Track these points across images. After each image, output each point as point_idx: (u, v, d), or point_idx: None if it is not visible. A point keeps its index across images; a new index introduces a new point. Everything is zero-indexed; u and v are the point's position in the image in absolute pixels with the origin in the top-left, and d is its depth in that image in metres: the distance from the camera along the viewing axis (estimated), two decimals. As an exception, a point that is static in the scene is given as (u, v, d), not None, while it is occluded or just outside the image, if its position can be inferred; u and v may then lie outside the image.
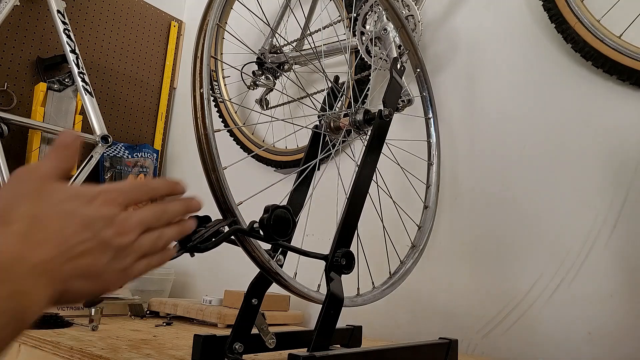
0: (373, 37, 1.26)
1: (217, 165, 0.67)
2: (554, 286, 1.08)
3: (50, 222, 0.38)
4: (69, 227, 0.39)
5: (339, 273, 0.74)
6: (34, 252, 0.36)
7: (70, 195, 0.41)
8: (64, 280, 0.38)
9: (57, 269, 0.37)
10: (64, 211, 0.40)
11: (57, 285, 0.37)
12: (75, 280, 0.39)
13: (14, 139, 1.59)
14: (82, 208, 0.40)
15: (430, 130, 1.21)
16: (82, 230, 0.40)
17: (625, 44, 1.03)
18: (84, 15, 1.85)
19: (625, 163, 1.05)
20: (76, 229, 0.39)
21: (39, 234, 0.37)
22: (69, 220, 0.39)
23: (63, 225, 0.39)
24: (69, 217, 0.39)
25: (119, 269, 0.42)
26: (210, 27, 0.71)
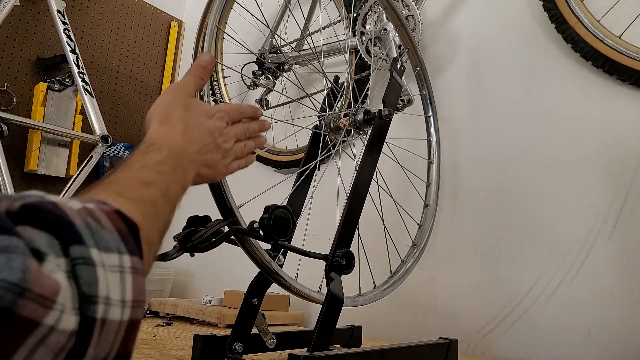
0: (373, 37, 1.26)
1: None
2: (554, 286, 1.08)
3: (194, 127, 0.56)
4: (203, 132, 0.58)
5: (339, 273, 0.74)
6: (189, 146, 0.54)
7: (202, 111, 0.59)
8: (200, 166, 0.57)
9: (199, 158, 0.56)
10: (199, 121, 0.58)
11: (197, 168, 0.56)
12: (204, 168, 0.58)
13: (14, 139, 1.58)
14: (208, 121, 0.59)
15: (430, 129, 1.21)
16: (208, 135, 0.58)
17: (625, 44, 1.03)
18: (84, 15, 1.85)
19: (625, 163, 1.05)
20: (206, 134, 0.58)
21: (189, 134, 0.55)
22: (202, 128, 0.58)
23: (200, 131, 0.57)
24: (203, 126, 0.58)
25: (224, 164, 0.62)
26: (210, 30, 0.71)
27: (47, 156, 1.65)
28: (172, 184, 0.47)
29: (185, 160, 0.52)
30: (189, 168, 0.53)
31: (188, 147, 0.54)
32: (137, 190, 0.42)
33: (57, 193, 1.57)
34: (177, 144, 0.53)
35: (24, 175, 1.64)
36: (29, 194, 0.30)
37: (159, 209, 0.43)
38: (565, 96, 1.15)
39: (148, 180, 0.44)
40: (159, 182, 0.45)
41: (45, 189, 1.70)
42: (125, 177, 0.43)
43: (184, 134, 0.55)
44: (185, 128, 0.55)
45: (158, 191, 0.44)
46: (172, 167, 0.49)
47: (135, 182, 0.43)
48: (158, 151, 0.49)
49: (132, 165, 0.45)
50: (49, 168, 1.65)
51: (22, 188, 1.62)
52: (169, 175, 0.47)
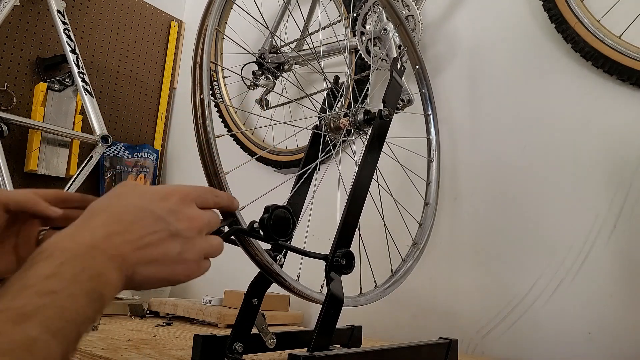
0: (373, 37, 1.26)
1: (218, 170, 0.67)
2: (554, 286, 1.08)
3: (126, 214, 0.43)
4: (144, 218, 0.44)
5: (339, 273, 0.74)
6: (109, 239, 0.41)
7: (151, 193, 0.46)
8: (132, 266, 0.42)
9: (126, 255, 0.41)
10: (140, 205, 0.45)
11: (125, 270, 0.41)
12: (143, 267, 0.43)
13: (14, 139, 1.59)
14: (158, 203, 0.45)
15: (429, 127, 1.21)
16: (155, 221, 0.44)
17: (625, 44, 1.03)
18: (84, 15, 1.85)
19: (625, 163, 1.05)
20: (150, 219, 0.44)
21: (113, 224, 0.42)
22: (143, 213, 0.44)
23: (138, 216, 0.44)
24: (144, 210, 0.44)
25: (193, 260, 0.47)
26: (209, 32, 0.70)
27: (47, 156, 1.65)
28: (68, 303, 0.35)
29: (99, 259, 0.39)
30: (107, 269, 0.39)
31: (106, 242, 0.40)
32: (5, 333, 0.30)
33: (57, 193, 1.57)
34: (80, 241, 0.39)
35: (24, 175, 1.64)
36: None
37: (38, 352, 0.31)
38: (565, 96, 1.15)
39: (25, 310, 0.32)
40: (42, 309, 0.33)
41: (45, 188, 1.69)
42: (1, 309, 0.32)
43: (104, 225, 0.42)
44: (108, 218, 0.43)
45: (38, 325, 0.32)
46: (71, 275, 0.36)
47: (5, 318, 0.31)
48: (46, 260, 0.37)
49: (11, 285, 0.34)
50: (49, 168, 1.65)
51: (22, 188, 1.62)
52: (63, 292, 0.35)
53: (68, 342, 0.34)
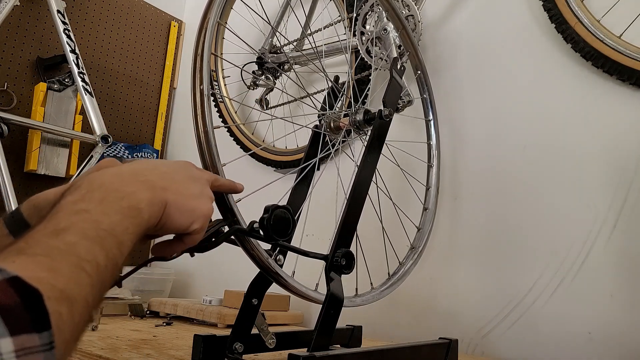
0: (373, 37, 1.26)
1: (216, 162, 0.67)
2: (554, 286, 1.08)
3: (149, 164, 0.50)
4: (165, 166, 0.51)
5: (339, 273, 0.74)
6: (135, 174, 0.46)
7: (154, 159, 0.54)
8: (163, 190, 0.47)
9: (155, 182, 0.46)
10: (161, 162, 0.53)
11: (157, 193, 0.46)
12: (172, 195, 0.48)
13: (14, 139, 1.58)
14: (170, 162, 0.54)
15: (430, 132, 1.21)
16: (178, 168, 0.52)
17: (625, 44, 1.03)
18: (84, 15, 1.85)
19: (625, 163, 1.05)
20: (173, 167, 0.51)
21: (140, 164, 0.48)
22: (165, 164, 0.52)
23: (159, 164, 0.51)
24: (165, 164, 0.52)
25: (208, 200, 0.54)
26: (211, 25, 0.71)
27: (47, 156, 1.65)
28: (101, 218, 0.38)
29: (126, 183, 0.43)
30: (136, 190, 0.43)
31: (129, 175, 0.45)
32: (44, 242, 0.34)
33: (57, 193, 1.56)
34: (107, 175, 0.44)
35: (24, 175, 1.64)
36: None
37: (82, 253, 0.34)
38: (565, 96, 1.15)
39: (61, 226, 0.36)
40: (75, 224, 0.36)
41: (45, 188, 1.69)
42: (33, 231, 0.35)
43: (125, 167, 0.47)
44: (133, 164, 0.48)
45: (75, 233, 0.35)
46: (99, 198, 0.40)
47: (42, 234, 0.35)
48: (76, 190, 0.41)
49: (44, 216, 0.38)
50: (49, 168, 1.65)
51: (22, 188, 1.62)
52: (93, 210, 0.38)
53: (110, 248, 0.37)
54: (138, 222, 0.42)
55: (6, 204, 1.44)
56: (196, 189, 0.52)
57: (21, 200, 1.54)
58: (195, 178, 0.53)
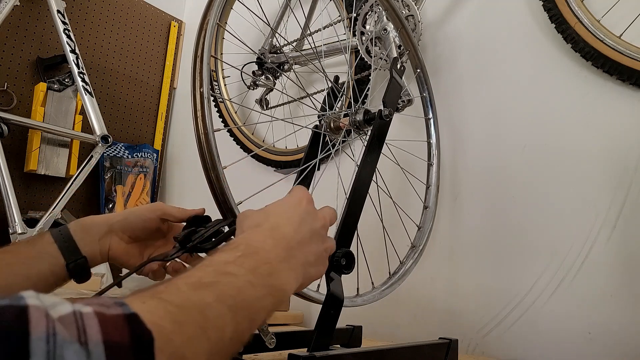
0: (373, 37, 1.26)
1: (216, 164, 0.67)
2: (554, 286, 1.08)
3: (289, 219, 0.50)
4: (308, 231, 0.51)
5: (339, 273, 0.74)
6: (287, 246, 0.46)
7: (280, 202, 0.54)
8: (306, 267, 0.48)
9: (303, 259, 0.48)
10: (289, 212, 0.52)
11: (301, 270, 0.47)
12: (310, 268, 0.50)
13: (14, 139, 1.58)
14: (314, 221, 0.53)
15: (430, 131, 1.21)
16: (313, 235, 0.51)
17: (625, 44, 1.03)
18: (84, 15, 1.85)
19: (626, 163, 1.05)
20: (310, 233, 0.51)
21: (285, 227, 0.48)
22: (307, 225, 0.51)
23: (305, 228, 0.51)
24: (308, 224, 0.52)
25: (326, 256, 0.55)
26: (211, 27, 0.71)
27: (47, 156, 1.65)
28: (245, 287, 0.37)
29: (278, 260, 0.43)
30: (286, 270, 0.43)
31: (284, 247, 0.46)
32: (182, 292, 0.33)
33: (57, 193, 1.57)
34: (263, 241, 0.44)
35: (24, 175, 1.64)
36: (2, 297, 0.25)
37: (211, 317, 0.33)
38: (565, 96, 1.15)
39: (204, 280, 0.35)
40: (219, 284, 0.35)
41: (45, 189, 1.70)
42: (180, 277, 0.35)
43: (277, 232, 0.47)
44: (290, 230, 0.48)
45: (214, 294, 0.34)
46: (251, 266, 0.39)
47: (185, 282, 0.34)
48: (231, 250, 0.41)
49: (196, 265, 0.38)
50: (49, 168, 1.65)
51: (22, 188, 1.62)
52: (241, 277, 0.38)
53: (241, 321, 0.35)
54: (279, 302, 0.42)
55: (6, 204, 1.44)
56: (321, 249, 0.53)
57: (21, 200, 1.54)
58: (321, 235, 0.54)
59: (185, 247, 0.63)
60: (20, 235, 1.42)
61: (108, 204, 1.83)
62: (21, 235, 1.42)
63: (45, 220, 1.50)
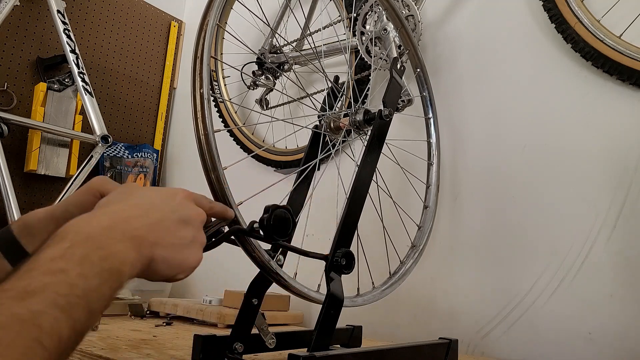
0: (373, 37, 1.26)
1: (217, 165, 0.67)
2: (554, 286, 1.08)
3: (142, 204, 0.47)
4: (156, 206, 0.47)
5: (339, 273, 0.74)
6: (121, 223, 0.42)
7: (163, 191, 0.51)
8: (151, 246, 0.44)
9: (144, 236, 0.43)
10: (150, 196, 0.49)
11: (144, 250, 0.43)
12: (161, 249, 0.45)
13: (14, 139, 1.58)
14: (168, 199, 0.50)
15: (430, 130, 1.21)
16: (167, 210, 0.48)
17: (625, 44, 1.03)
18: (84, 15, 1.85)
19: (626, 163, 1.05)
20: (162, 208, 0.48)
21: (127, 210, 0.45)
22: (155, 203, 0.48)
23: (150, 205, 0.47)
24: (155, 201, 0.48)
25: (198, 247, 0.51)
26: (211, 27, 0.71)
27: (47, 156, 1.65)
28: (78, 282, 0.35)
29: (112, 241, 0.40)
30: (121, 249, 0.40)
31: (119, 226, 0.42)
32: (7, 308, 0.31)
33: (57, 193, 1.57)
34: (96, 225, 0.40)
35: (24, 175, 1.64)
36: None
37: (45, 325, 0.31)
38: (565, 96, 1.15)
39: (30, 288, 0.32)
40: (48, 287, 0.33)
41: (45, 188, 1.70)
42: (3, 288, 0.32)
43: (116, 212, 0.44)
44: (122, 207, 0.45)
45: (44, 301, 0.32)
46: (80, 257, 0.37)
47: (9, 295, 0.32)
48: (59, 242, 0.37)
49: (18, 270, 0.35)
50: (49, 168, 1.65)
51: (22, 188, 1.62)
52: (71, 271, 0.35)
53: (78, 318, 0.34)
54: (117, 285, 0.39)
55: (6, 204, 1.44)
56: (188, 235, 0.49)
57: (21, 200, 1.54)
58: (188, 221, 0.49)
59: (185, 247, 0.63)
60: (20, 235, 1.42)
61: (108, 204, 1.83)
62: (21, 235, 1.42)
63: (45, 220, 1.49)
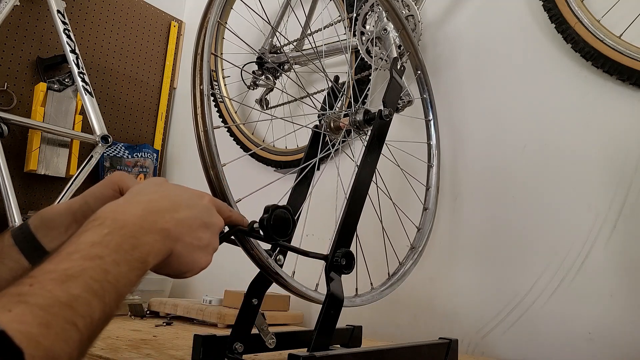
0: (373, 37, 1.26)
1: (216, 162, 0.67)
2: (554, 286, 1.08)
3: (168, 197, 0.49)
4: (184, 203, 0.50)
5: (339, 273, 0.74)
6: (152, 215, 0.46)
7: (191, 190, 0.54)
8: (174, 241, 0.47)
9: (172, 230, 0.47)
10: (179, 193, 0.52)
11: (168, 243, 0.46)
12: (181, 245, 0.48)
13: (14, 139, 1.58)
14: (196, 198, 0.53)
15: (430, 132, 1.21)
16: (193, 208, 0.51)
17: (625, 44, 1.03)
18: (84, 15, 1.85)
19: (625, 163, 1.05)
20: (190, 205, 0.51)
21: (158, 202, 0.48)
22: (183, 199, 0.51)
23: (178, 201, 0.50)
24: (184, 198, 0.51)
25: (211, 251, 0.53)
26: (211, 25, 0.71)
27: (47, 156, 1.65)
28: (112, 268, 0.38)
29: (144, 231, 0.43)
30: (150, 241, 0.44)
31: (150, 217, 0.45)
32: (48, 291, 0.33)
33: (57, 193, 1.57)
34: (131, 213, 0.44)
35: (24, 175, 1.64)
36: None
37: (80, 308, 0.34)
38: (565, 96, 1.15)
39: (70, 272, 0.35)
40: (85, 271, 0.36)
41: (45, 188, 1.70)
42: (42, 271, 0.35)
43: (150, 202, 0.47)
44: (154, 197, 0.48)
45: (81, 285, 0.35)
46: (116, 244, 0.40)
47: (51, 278, 0.34)
48: (98, 228, 0.41)
49: (60, 251, 0.37)
50: (49, 168, 1.65)
51: (22, 188, 1.62)
52: (107, 258, 0.38)
53: (109, 302, 0.37)
54: (142, 273, 0.42)
55: (6, 204, 1.44)
56: (205, 239, 0.52)
57: (21, 200, 1.54)
58: (209, 225, 0.53)
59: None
60: (20, 235, 1.42)
61: (108, 204, 1.83)
62: (21, 235, 1.42)
63: (45, 220, 1.49)
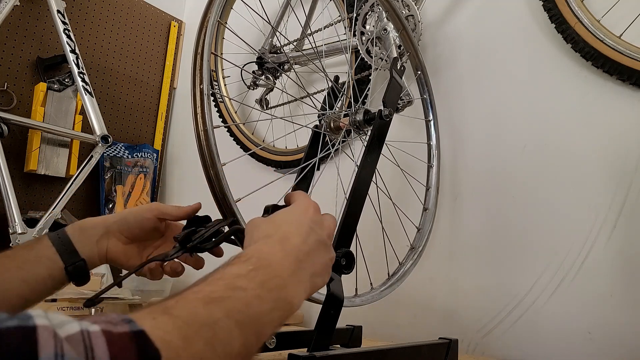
0: (373, 37, 1.26)
1: (216, 161, 0.67)
2: (554, 286, 1.08)
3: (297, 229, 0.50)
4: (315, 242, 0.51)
5: (339, 273, 0.74)
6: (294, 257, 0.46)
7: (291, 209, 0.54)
8: (311, 278, 0.48)
9: (309, 269, 0.48)
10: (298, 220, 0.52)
11: (309, 284, 0.48)
12: (316, 278, 0.50)
13: (14, 139, 1.58)
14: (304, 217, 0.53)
15: (430, 133, 1.21)
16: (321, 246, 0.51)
17: (625, 44, 1.03)
18: (84, 15, 1.85)
19: (625, 163, 1.05)
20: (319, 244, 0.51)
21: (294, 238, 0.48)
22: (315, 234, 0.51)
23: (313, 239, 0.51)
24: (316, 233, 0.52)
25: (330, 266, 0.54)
26: (211, 24, 0.71)
27: (47, 156, 1.65)
28: (255, 302, 0.38)
29: (290, 274, 0.44)
30: (295, 283, 0.44)
31: (298, 260, 0.46)
32: (192, 307, 0.34)
33: (57, 193, 1.57)
34: (275, 254, 0.45)
35: (24, 175, 1.64)
36: (11, 317, 0.25)
37: (220, 333, 0.34)
38: (565, 96, 1.15)
39: (214, 295, 0.36)
40: (229, 299, 0.36)
41: (45, 188, 1.70)
42: (191, 291, 0.36)
43: (285, 242, 0.48)
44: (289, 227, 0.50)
45: (224, 310, 0.35)
46: (261, 280, 0.40)
47: (196, 297, 0.35)
48: (243, 263, 0.42)
49: (206, 277, 0.38)
50: (49, 168, 1.65)
51: (22, 188, 1.62)
52: (251, 291, 0.38)
53: (249, 336, 0.36)
54: (286, 315, 0.42)
55: (6, 204, 1.44)
56: (329, 257, 0.54)
57: (21, 200, 1.54)
58: (327, 245, 0.54)
59: (185, 247, 0.64)
60: (20, 235, 1.42)
61: (108, 204, 1.83)
62: (21, 235, 1.42)
63: (45, 220, 1.50)
